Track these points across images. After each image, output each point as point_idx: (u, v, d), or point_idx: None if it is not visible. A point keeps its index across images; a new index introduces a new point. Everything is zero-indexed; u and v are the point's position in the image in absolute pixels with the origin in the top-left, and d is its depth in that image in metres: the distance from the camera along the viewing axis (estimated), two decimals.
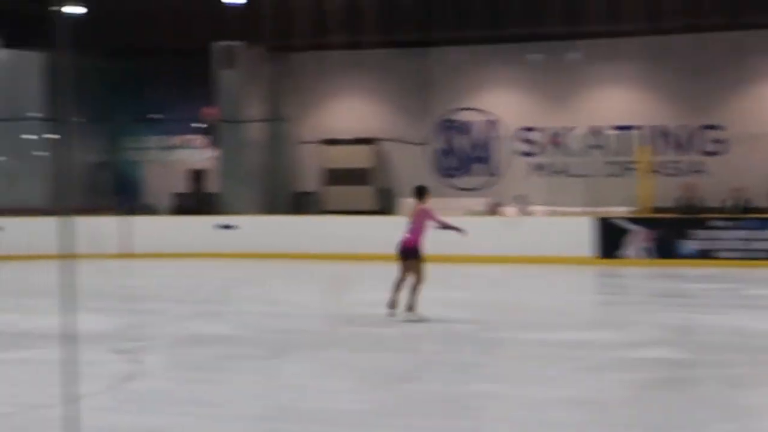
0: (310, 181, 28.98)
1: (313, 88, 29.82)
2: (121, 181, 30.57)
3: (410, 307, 14.07)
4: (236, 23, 27.73)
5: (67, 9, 27.41)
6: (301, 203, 28.78)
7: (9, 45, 30.32)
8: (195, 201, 29.34)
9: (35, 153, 30.81)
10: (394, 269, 14.28)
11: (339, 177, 28.45)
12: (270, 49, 28.84)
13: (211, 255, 24.39)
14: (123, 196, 28.76)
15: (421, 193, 14.42)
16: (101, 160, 30.81)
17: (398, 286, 14.20)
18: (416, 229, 14.14)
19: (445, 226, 14.40)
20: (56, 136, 30.38)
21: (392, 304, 14.23)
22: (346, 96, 29.84)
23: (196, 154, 31.28)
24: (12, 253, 24.29)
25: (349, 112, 29.68)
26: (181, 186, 30.14)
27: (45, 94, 30.56)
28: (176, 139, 31.73)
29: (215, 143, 29.15)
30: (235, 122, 28.06)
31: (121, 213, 24.42)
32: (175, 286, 20.21)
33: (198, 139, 31.20)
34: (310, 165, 29.27)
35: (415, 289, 14.04)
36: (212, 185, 29.38)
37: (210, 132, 29.82)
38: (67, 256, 7.51)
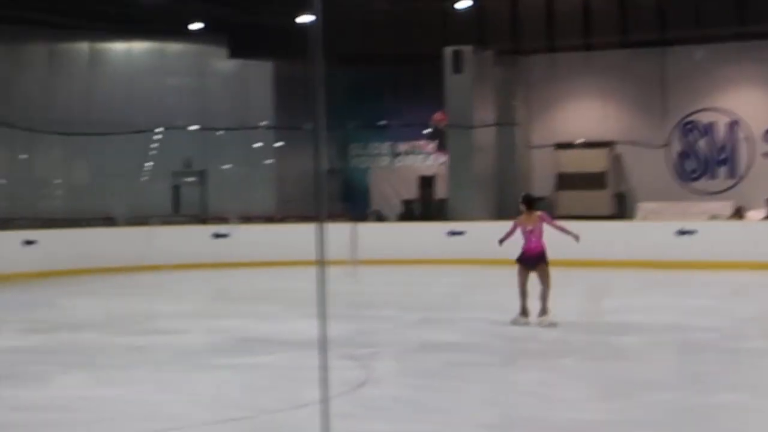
0: (541, 186, 28.65)
1: (544, 91, 29.51)
2: (350, 188, 31.06)
3: (544, 311, 14.23)
4: (466, 28, 27.75)
5: (299, 18, 28.04)
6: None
7: (236, 55, 31.29)
8: (424, 207, 29.50)
9: (264, 161, 31.69)
10: (629, 276, 13.87)
11: (572, 181, 28.02)
12: (499, 53, 28.71)
13: (440, 261, 24.44)
14: (351, 203, 29.21)
15: (532, 201, 14.96)
16: (330, 168, 31.38)
17: (525, 293, 14.40)
18: (540, 236, 14.55)
19: (563, 230, 14.73)
20: (282, 144, 31.15)
21: (526, 312, 14.37)
22: (578, 99, 29.39)
23: (425, 160, 31.46)
24: (240, 260, 24.96)
25: (582, 115, 29.22)
26: (410, 192, 30.36)
27: (274, 102, 31.39)
28: (405, 145, 32.00)
29: (444, 149, 29.22)
30: (465, 127, 28.03)
31: (350, 220, 24.76)
32: (404, 292, 20.29)
33: (427, 145, 31.37)
34: (542, 170, 28.96)
35: (545, 295, 14.28)
36: (441, 191, 29.47)
37: (439, 137, 29.93)
38: (311, 263, 7.54)
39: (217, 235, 25.76)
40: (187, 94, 31.10)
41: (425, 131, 31.03)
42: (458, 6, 27.31)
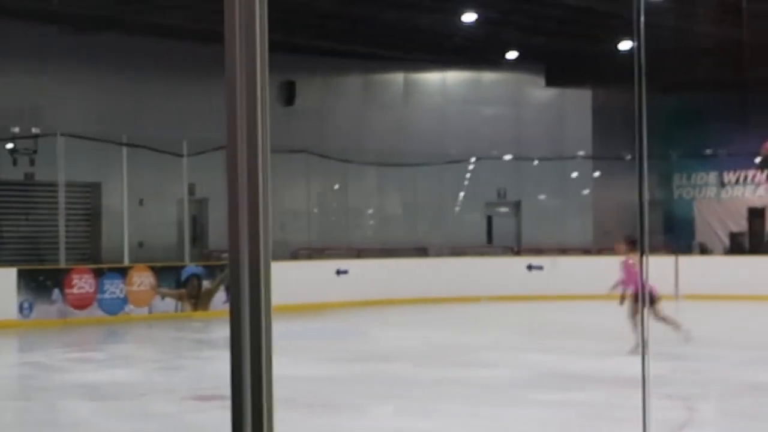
0: None
1: None
2: (672, 220, 30.40)
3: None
4: None
5: (621, 45, 27.83)
6: None
7: (553, 83, 31.35)
8: (753, 241, 28.49)
9: (581, 191, 31.50)
10: None
11: None
12: None
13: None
14: (674, 235, 28.56)
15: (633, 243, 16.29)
16: (651, 199, 30.79)
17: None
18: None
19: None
20: (599, 174, 30.88)
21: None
22: None
23: (755, 190, 30.38)
24: (555, 292, 24.88)
25: None
26: (739, 225, 29.40)
27: (592, 131, 31.20)
28: (733, 175, 31.01)
29: None
30: None
31: (672, 253, 24.18)
32: (731, 329, 19.63)
33: (757, 175, 30.30)
34: None
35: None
36: None
37: None
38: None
39: (532, 267, 25.81)
40: (501, 123, 31.42)
41: (755, 160, 29.96)
42: None
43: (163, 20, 25.18)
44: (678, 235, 28.77)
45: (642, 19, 4.51)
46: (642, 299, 14.28)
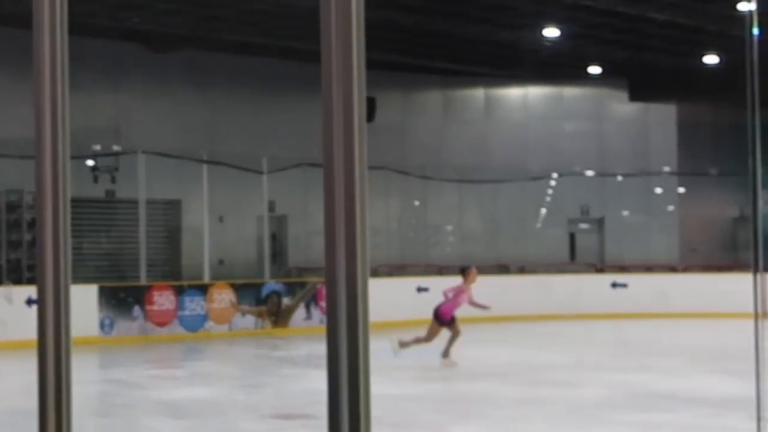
0: None
1: None
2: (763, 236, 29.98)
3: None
4: None
5: (706, 59, 27.59)
6: None
7: (637, 98, 31.12)
8: None
9: (665, 208, 31.21)
10: None
11: None
12: None
13: None
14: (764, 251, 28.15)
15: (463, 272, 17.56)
16: (738, 215, 30.44)
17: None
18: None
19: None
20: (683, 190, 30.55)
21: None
22: None
23: None
24: (639, 310, 24.65)
25: None
26: None
27: (677, 146, 30.91)
28: None
29: None
30: None
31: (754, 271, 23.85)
32: None
33: None
34: None
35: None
36: None
37: None
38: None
39: (616, 285, 25.61)
40: (584, 138, 31.25)
41: None
42: None
43: (240, 37, 25.44)
44: None
45: (755, 34, 4.47)
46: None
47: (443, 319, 16.75)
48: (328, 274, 2.01)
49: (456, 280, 26.23)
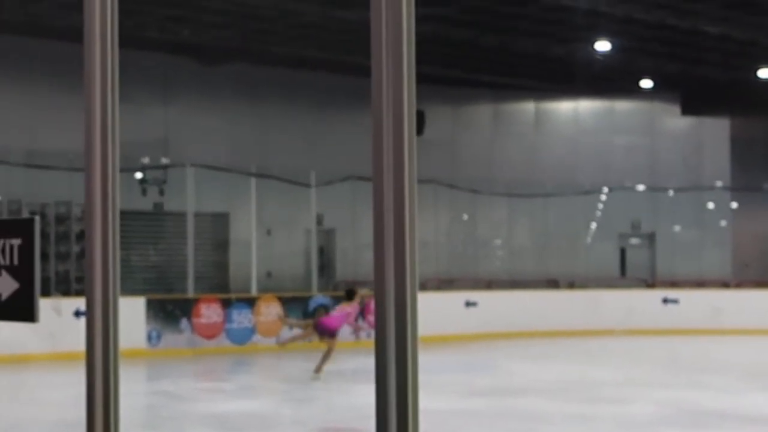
0: None
1: None
2: None
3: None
4: None
5: (760, 73, 27.45)
6: None
7: (689, 112, 30.94)
8: None
9: (718, 223, 31.01)
10: None
11: None
12: None
13: None
14: None
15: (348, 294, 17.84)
16: None
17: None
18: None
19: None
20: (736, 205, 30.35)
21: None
22: None
23: None
24: (691, 326, 24.47)
25: None
26: None
27: (730, 161, 30.71)
28: None
29: None
30: None
31: None
32: None
33: None
34: None
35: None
36: None
37: None
38: None
39: (667, 300, 25.42)
40: (635, 153, 31.09)
41: None
42: None
43: (289, 51, 25.55)
44: None
45: None
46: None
47: (322, 329, 17.09)
48: (378, 288, 2.01)
49: (504, 294, 26.22)
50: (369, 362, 2.04)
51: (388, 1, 2.06)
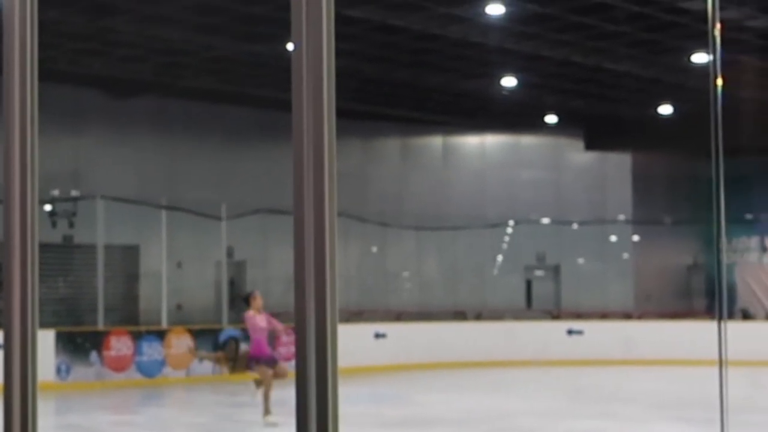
0: None
1: None
2: (714, 284, 30.22)
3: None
4: None
5: (661, 110, 27.94)
6: None
7: (593, 147, 31.41)
8: None
9: (621, 256, 31.43)
10: None
11: None
12: None
13: None
14: (715, 300, 28.39)
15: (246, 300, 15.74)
16: (692, 263, 30.74)
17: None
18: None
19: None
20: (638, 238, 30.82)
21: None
22: None
23: None
24: (595, 357, 24.74)
25: None
26: None
27: (632, 195, 31.18)
28: None
29: None
30: None
31: (713, 318, 24.02)
32: None
33: None
34: None
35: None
36: None
37: None
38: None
39: (571, 332, 25.68)
40: (540, 186, 31.44)
41: None
42: None
43: (200, 84, 25.46)
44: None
45: (718, 83, 4.54)
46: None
47: (257, 356, 16.17)
48: (298, 319, 2.02)
49: (413, 326, 26.25)
50: (280, 394, 2.04)
51: (309, 35, 2.08)
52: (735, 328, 24.68)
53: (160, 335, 21.98)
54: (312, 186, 2.05)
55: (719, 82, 4.44)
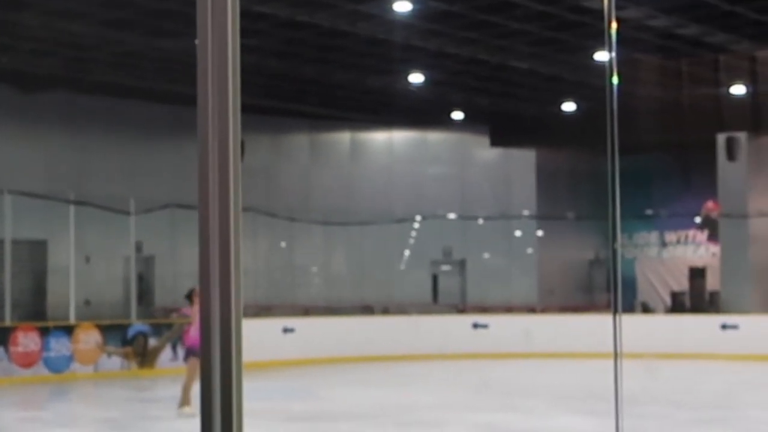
0: None
1: None
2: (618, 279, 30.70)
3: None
4: (739, 114, 27.08)
5: (565, 107, 28.23)
6: None
7: (498, 143, 31.68)
8: (694, 300, 28.77)
9: (525, 250, 31.73)
10: None
11: None
12: None
13: (711, 356, 23.68)
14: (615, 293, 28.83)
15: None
16: (594, 258, 31.15)
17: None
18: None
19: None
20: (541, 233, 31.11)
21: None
22: None
23: (695, 250, 30.74)
24: (500, 351, 24.93)
25: None
26: (680, 284, 29.71)
27: (536, 191, 31.49)
28: (674, 235, 31.40)
29: (716, 239, 28.48)
30: (739, 217, 27.23)
31: (614, 312, 24.39)
32: (672, 389, 19.71)
33: (698, 235, 30.67)
34: None
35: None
36: (713, 283, 28.67)
37: (711, 227, 29.21)
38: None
39: (477, 325, 25.86)
40: (447, 182, 31.62)
41: (696, 220, 30.36)
42: (732, 91, 26.64)
43: (109, 79, 25.15)
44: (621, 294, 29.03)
45: (614, 81, 4.59)
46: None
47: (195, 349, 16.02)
48: (203, 314, 1.99)
49: (321, 321, 26.25)
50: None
51: (214, 31, 2.05)
52: (635, 321, 25.09)
53: (68, 331, 21.66)
54: (217, 181, 2.02)
55: (615, 79, 4.49)
